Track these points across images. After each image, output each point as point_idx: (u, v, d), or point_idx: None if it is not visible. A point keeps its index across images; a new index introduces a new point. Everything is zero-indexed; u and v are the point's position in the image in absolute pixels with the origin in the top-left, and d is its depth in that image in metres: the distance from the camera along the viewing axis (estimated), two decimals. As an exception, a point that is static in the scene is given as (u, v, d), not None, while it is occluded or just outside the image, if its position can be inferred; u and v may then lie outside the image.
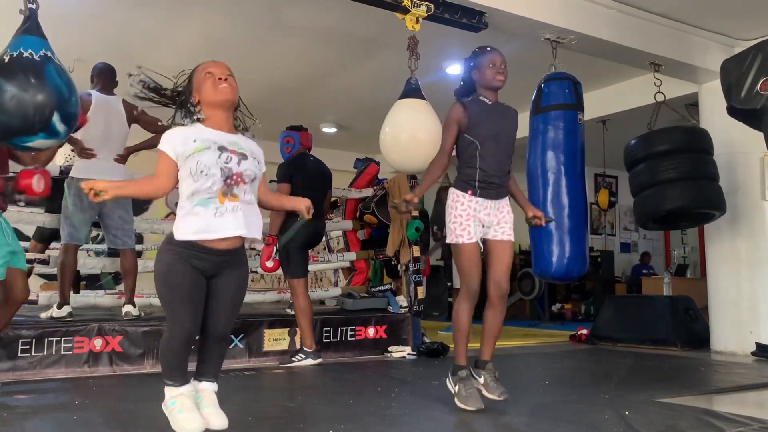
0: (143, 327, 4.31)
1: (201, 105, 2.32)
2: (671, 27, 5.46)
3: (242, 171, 2.25)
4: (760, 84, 4.16)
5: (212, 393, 2.38)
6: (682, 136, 5.39)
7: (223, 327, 2.32)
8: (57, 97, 3.08)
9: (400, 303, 5.57)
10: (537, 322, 9.64)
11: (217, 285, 2.28)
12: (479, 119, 3.09)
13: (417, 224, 5.48)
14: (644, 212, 5.44)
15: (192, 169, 2.18)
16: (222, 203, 2.20)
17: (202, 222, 2.18)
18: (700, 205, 5.29)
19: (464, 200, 3.06)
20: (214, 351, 2.38)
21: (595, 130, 7.70)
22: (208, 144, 2.22)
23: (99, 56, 5.27)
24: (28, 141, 3.10)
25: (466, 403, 3.00)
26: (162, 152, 2.25)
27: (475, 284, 3.02)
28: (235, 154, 2.26)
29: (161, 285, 2.26)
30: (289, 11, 5.31)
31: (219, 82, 2.30)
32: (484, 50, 3.21)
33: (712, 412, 2.99)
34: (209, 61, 2.38)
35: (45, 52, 3.14)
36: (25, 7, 3.24)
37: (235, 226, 2.22)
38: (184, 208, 2.22)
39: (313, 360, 4.61)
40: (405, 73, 4.32)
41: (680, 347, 5.87)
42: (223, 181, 2.20)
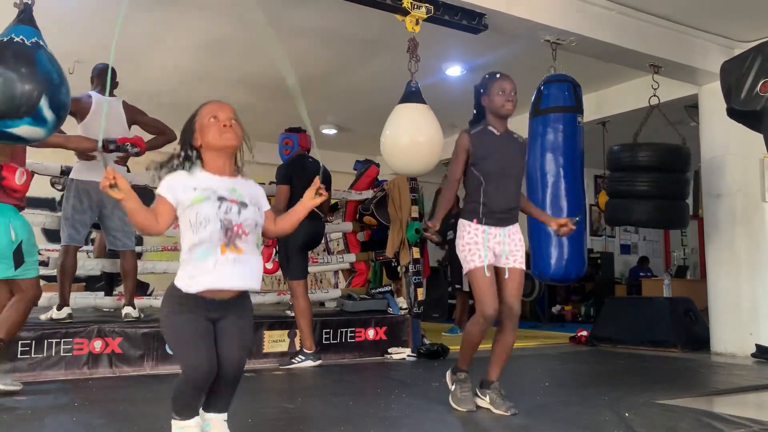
0: (143, 328, 4.31)
1: (202, 148, 2.26)
2: (671, 29, 5.47)
3: (242, 221, 2.19)
4: (759, 85, 4.16)
5: (222, 422, 2.30)
6: (664, 153, 5.70)
7: (233, 368, 2.23)
8: (46, 82, 2.99)
9: (400, 304, 5.57)
10: (537, 323, 9.64)
11: (224, 328, 2.21)
12: (486, 154, 3.06)
13: (417, 226, 5.48)
14: (615, 217, 6.05)
15: (192, 220, 2.14)
16: (223, 254, 2.15)
17: (201, 274, 2.13)
18: (663, 224, 6.30)
19: (470, 229, 3.05)
20: (225, 391, 2.28)
21: (595, 131, 7.70)
22: (207, 194, 2.16)
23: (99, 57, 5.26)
24: (14, 126, 2.97)
25: (458, 405, 3.05)
26: (161, 197, 2.17)
27: (491, 311, 2.97)
28: (235, 203, 2.19)
29: (168, 333, 2.23)
30: (289, 13, 5.31)
31: (224, 129, 2.23)
32: (494, 76, 3.14)
33: (712, 414, 2.99)
34: (214, 103, 2.30)
35: (37, 40, 3.08)
36: (20, 1, 3.23)
37: (232, 278, 2.17)
38: (184, 261, 2.18)
39: (313, 361, 4.61)
40: (405, 75, 4.33)
41: (680, 349, 5.86)
42: (223, 233, 2.15)
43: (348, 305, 5.49)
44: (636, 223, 6.14)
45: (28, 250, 3.30)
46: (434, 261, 9.45)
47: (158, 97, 7.03)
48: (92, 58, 5.02)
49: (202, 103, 2.33)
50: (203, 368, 2.11)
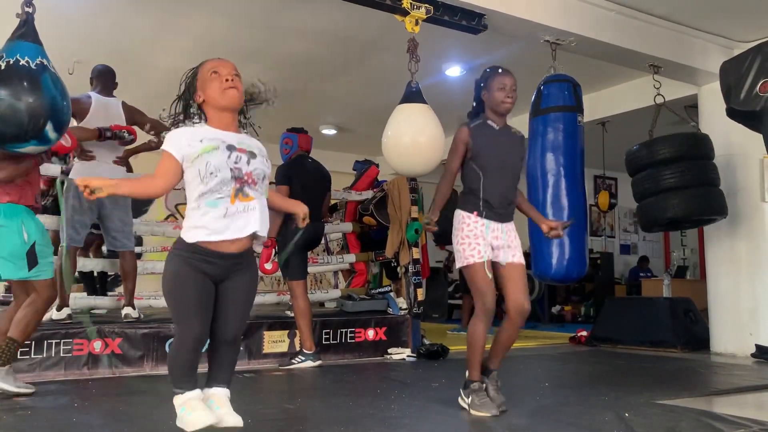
0: (143, 329, 4.31)
1: (205, 105, 2.26)
2: (671, 29, 5.47)
3: (252, 170, 2.20)
4: (759, 86, 4.16)
5: (225, 396, 2.32)
6: (683, 142, 5.41)
7: (233, 331, 2.26)
8: (51, 106, 3.13)
9: (400, 305, 5.57)
10: (537, 323, 9.64)
11: (226, 289, 2.22)
12: (484, 148, 3.07)
13: (416, 226, 5.48)
14: (648, 219, 5.58)
15: (201, 170, 2.12)
16: (233, 203, 2.14)
17: (212, 222, 2.13)
18: (702, 213, 5.40)
19: (470, 221, 3.05)
20: (224, 356, 2.31)
21: (595, 131, 7.70)
22: (216, 143, 2.16)
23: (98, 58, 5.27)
24: (20, 147, 3.17)
25: (481, 410, 2.96)
26: (166, 152, 2.17)
27: (491, 302, 2.98)
28: (244, 153, 2.20)
29: (169, 291, 2.21)
30: (289, 13, 5.31)
31: (226, 84, 2.23)
32: (495, 71, 3.13)
33: (712, 414, 2.99)
34: (215, 59, 2.31)
35: (41, 60, 3.17)
36: (22, 10, 3.24)
37: (245, 226, 2.17)
38: (192, 210, 2.16)
39: (312, 362, 4.61)
40: (405, 75, 4.33)
41: (680, 349, 5.87)
42: (233, 180, 2.15)
43: (348, 306, 5.49)
44: (673, 220, 5.43)
45: (41, 251, 3.35)
46: (434, 261, 9.45)
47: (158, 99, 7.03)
48: (92, 59, 5.03)
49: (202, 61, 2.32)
50: (196, 332, 2.13)
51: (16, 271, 3.28)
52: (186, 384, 2.22)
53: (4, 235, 3.27)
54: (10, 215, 3.31)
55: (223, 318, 2.22)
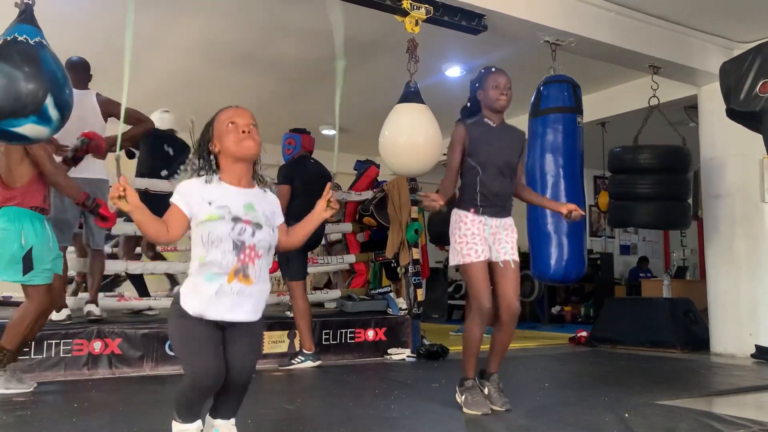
0: (143, 329, 4.32)
1: (220, 155, 2.19)
2: (670, 29, 5.47)
3: (255, 243, 2.13)
4: (759, 86, 4.16)
5: (231, 426, 2.25)
6: (662, 155, 5.76)
7: (243, 376, 2.17)
8: (51, 81, 3.00)
9: (400, 305, 5.57)
10: (536, 324, 9.64)
11: (232, 334, 2.15)
12: (481, 144, 3.09)
13: (417, 226, 5.48)
14: (617, 220, 6.20)
15: (203, 237, 2.08)
16: (229, 282, 2.08)
17: (203, 300, 2.07)
18: (665, 225, 6.48)
19: (467, 220, 3.06)
20: (233, 396, 2.23)
21: (595, 132, 7.71)
22: (222, 213, 2.10)
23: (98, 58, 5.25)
24: (19, 125, 2.97)
25: (472, 409, 3.01)
26: (175, 205, 2.11)
27: (487, 305, 2.99)
28: (249, 224, 2.13)
29: (176, 341, 2.17)
30: (288, 14, 5.31)
31: (243, 136, 2.16)
32: (489, 71, 3.19)
33: (712, 415, 2.99)
34: (232, 109, 2.24)
35: (40, 40, 3.09)
36: (21, 1, 3.23)
37: (236, 312, 2.10)
38: (192, 274, 2.13)
39: (312, 362, 4.61)
40: (404, 76, 4.32)
41: (680, 349, 5.87)
42: (236, 255, 2.09)
43: (348, 306, 5.49)
44: (638, 224, 6.24)
45: (38, 257, 3.35)
46: (434, 262, 9.45)
47: (158, 99, 7.03)
48: (91, 59, 5.01)
49: (219, 109, 2.26)
50: (210, 375, 2.05)
51: (12, 275, 3.33)
52: (188, 417, 2.16)
53: (4, 238, 3.31)
54: (12, 219, 3.34)
55: (231, 362, 2.13)
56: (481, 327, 3.05)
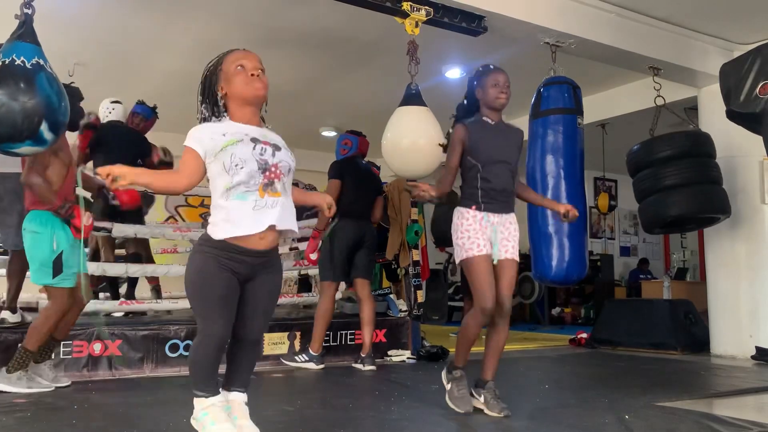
0: (143, 331, 4.31)
1: (227, 98, 2.20)
2: (670, 31, 5.47)
3: (278, 162, 2.15)
4: (759, 87, 4.16)
5: (243, 404, 2.28)
6: (684, 141, 5.36)
7: (255, 332, 2.22)
8: (46, 106, 3.11)
9: (400, 307, 5.56)
10: (537, 325, 9.64)
11: (251, 289, 2.18)
12: (481, 142, 3.10)
13: (417, 228, 5.48)
14: (649, 219, 5.45)
15: (226, 163, 2.06)
16: (262, 197, 2.09)
17: (239, 216, 2.07)
18: (704, 211, 5.29)
19: (469, 216, 3.06)
20: (245, 357, 2.27)
21: (595, 134, 7.71)
22: (240, 136, 2.11)
23: (98, 59, 5.29)
24: (15, 147, 3.16)
25: (456, 404, 3.05)
26: (188, 148, 2.10)
27: (490, 304, 2.97)
28: (268, 145, 2.15)
29: (193, 289, 2.15)
30: (289, 15, 5.31)
31: (252, 78, 2.18)
32: (487, 69, 3.19)
33: (712, 416, 2.98)
34: (239, 51, 2.24)
35: (37, 60, 3.16)
36: (20, 12, 3.24)
37: (274, 219, 2.11)
38: (219, 205, 2.11)
39: (315, 364, 4.63)
40: (405, 77, 4.33)
41: (680, 351, 5.86)
42: (261, 173, 2.10)
43: (348, 307, 5.49)
44: (674, 217, 5.26)
45: (67, 261, 3.47)
46: (434, 263, 9.45)
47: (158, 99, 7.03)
48: (92, 61, 5.04)
49: (224, 51, 2.26)
50: (220, 332, 2.09)
51: (42, 278, 3.46)
52: (208, 387, 2.17)
53: (38, 242, 3.43)
54: (44, 223, 3.45)
55: (247, 317, 2.17)
56: (480, 324, 3.04)
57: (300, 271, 6.60)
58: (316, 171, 8.93)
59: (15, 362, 3.46)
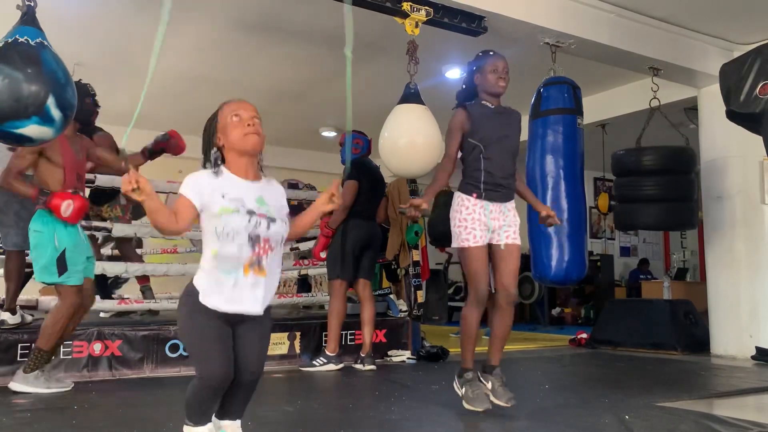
0: (143, 331, 4.31)
1: (225, 149, 2.20)
2: (670, 31, 5.47)
3: (270, 236, 2.14)
4: (759, 88, 4.16)
5: (237, 428, 2.26)
6: (668, 155, 5.73)
7: (249, 373, 2.18)
8: (52, 81, 2.99)
9: (400, 307, 5.56)
10: (537, 325, 9.64)
11: (242, 333, 2.16)
12: (482, 123, 3.09)
13: (417, 228, 5.47)
14: (623, 221, 6.15)
15: (218, 230, 2.07)
16: (246, 275, 2.09)
17: (221, 294, 2.08)
18: (671, 226, 6.31)
19: (469, 204, 3.05)
20: (242, 395, 2.24)
21: (595, 134, 7.71)
22: (236, 206, 2.10)
23: (99, 60, 5.29)
24: (22, 126, 2.95)
25: (473, 405, 3.02)
26: (183, 197, 2.09)
27: (484, 289, 2.99)
28: (264, 218, 2.13)
29: (186, 335, 2.17)
30: (289, 16, 5.31)
31: (248, 129, 2.17)
32: (487, 54, 3.19)
33: (713, 416, 2.98)
34: (235, 102, 2.25)
35: (41, 40, 3.08)
36: (22, 3, 3.24)
37: (251, 303, 2.12)
38: (205, 267, 2.12)
39: (335, 365, 4.64)
40: (404, 77, 4.33)
41: (680, 351, 5.86)
42: (251, 248, 2.10)
43: (348, 308, 5.48)
44: (644, 226, 6.24)
45: (71, 258, 3.49)
46: (434, 263, 9.45)
47: (158, 100, 7.04)
48: (93, 62, 5.04)
49: (223, 102, 2.28)
50: (219, 375, 2.06)
51: (48, 276, 3.47)
52: (200, 419, 2.15)
53: (40, 241, 3.45)
54: (46, 222, 3.46)
55: (241, 359, 2.14)
56: (477, 311, 3.04)
57: (300, 271, 6.59)
58: (315, 171, 8.96)
59: (31, 362, 3.50)
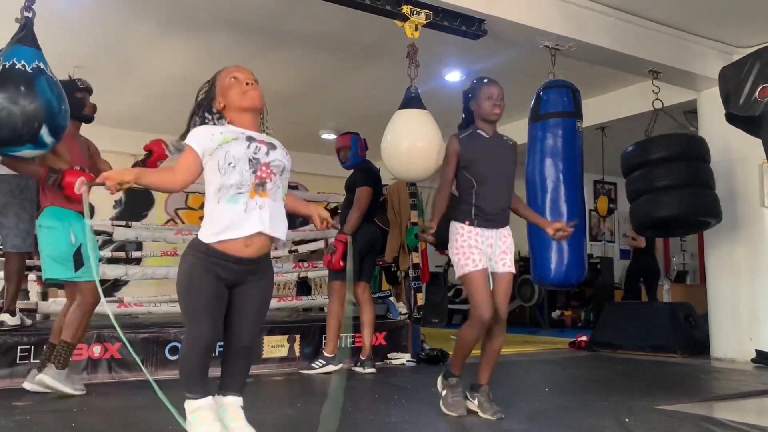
0: (142, 334, 4.31)
1: (226, 110, 2.27)
2: (670, 34, 5.48)
3: (270, 161, 2.18)
4: (758, 91, 4.16)
5: (238, 407, 2.28)
6: (678, 143, 5.35)
7: (246, 339, 2.22)
8: (47, 110, 3.13)
9: (400, 309, 5.56)
10: (536, 328, 9.63)
11: (241, 295, 2.19)
12: (476, 156, 3.10)
13: (416, 231, 5.48)
14: (640, 219, 5.42)
15: (220, 161, 2.10)
16: (252, 198, 2.11)
17: (228, 219, 2.09)
18: (695, 213, 5.27)
19: (463, 231, 3.07)
20: (237, 364, 2.27)
21: (594, 137, 7.71)
22: (236, 135, 2.16)
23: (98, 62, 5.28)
24: (16, 151, 3.19)
25: (449, 409, 3.07)
26: (188, 146, 2.16)
27: (488, 315, 2.98)
28: (263, 144, 2.19)
29: (181, 291, 2.19)
30: (289, 19, 5.32)
31: (246, 87, 2.24)
32: (481, 82, 3.21)
33: (713, 419, 2.98)
34: (232, 66, 2.32)
35: (38, 64, 3.18)
36: (21, 15, 3.26)
37: (260, 223, 2.12)
38: (211, 207, 2.14)
39: (334, 366, 4.63)
40: (404, 80, 4.33)
41: (680, 354, 5.86)
42: (252, 173, 2.12)
43: (347, 310, 5.48)
44: (665, 217, 5.21)
45: (86, 254, 3.49)
46: (434, 266, 9.45)
47: (158, 101, 7.04)
48: (92, 64, 5.03)
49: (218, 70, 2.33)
50: (206, 335, 2.10)
51: (64, 272, 3.48)
52: (197, 389, 2.18)
53: (55, 236, 3.45)
54: (60, 217, 3.48)
55: (236, 324, 2.18)
56: (478, 333, 3.06)
57: (300, 273, 6.58)
58: (315, 174, 8.95)
59: (61, 357, 3.48)
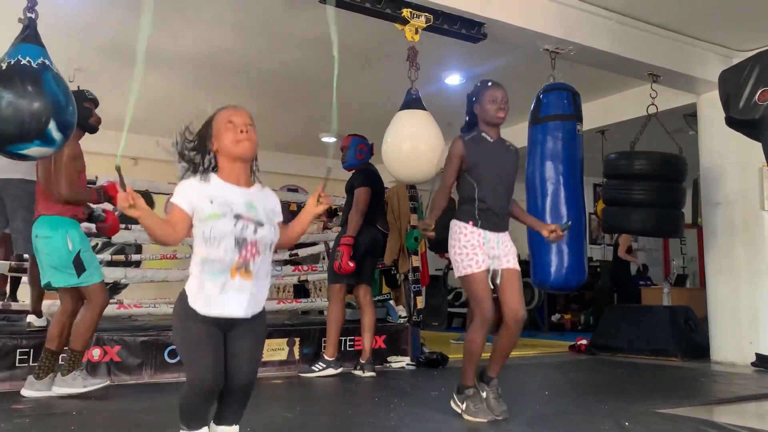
0: (142, 337, 4.30)
1: (219, 154, 2.22)
2: (669, 38, 5.49)
3: (258, 239, 2.14)
4: (758, 94, 4.17)
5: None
6: (659, 162, 5.69)
7: (242, 379, 2.18)
8: (53, 104, 3.08)
9: (399, 313, 5.56)
10: (536, 332, 9.63)
11: (234, 338, 2.16)
12: (479, 160, 3.10)
13: (416, 234, 5.47)
14: (609, 224, 6.18)
15: (205, 234, 2.09)
16: (233, 278, 2.10)
17: (207, 297, 2.09)
18: (658, 232, 6.30)
19: (466, 231, 3.07)
20: (236, 401, 2.23)
21: (594, 140, 7.72)
22: (224, 211, 2.12)
23: (99, 65, 5.28)
24: (24, 148, 3.10)
25: (476, 416, 3.01)
26: (176, 205, 2.12)
27: (490, 313, 2.99)
28: (251, 222, 2.15)
29: (177, 339, 2.20)
30: (289, 22, 5.32)
31: (240, 136, 2.19)
32: (485, 85, 3.20)
33: (713, 423, 2.98)
34: (230, 108, 2.27)
35: (43, 60, 3.15)
36: (24, 16, 3.26)
37: (237, 306, 2.12)
38: (194, 273, 2.14)
39: (334, 369, 4.62)
40: (405, 84, 4.34)
41: (680, 357, 5.86)
42: (237, 251, 2.10)
43: (347, 313, 5.48)
44: (631, 231, 6.32)
45: (87, 258, 3.53)
46: (433, 269, 9.45)
47: (158, 103, 7.04)
48: (92, 67, 5.04)
49: (217, 108, 2.29)
50: (208, 380, 2.07)
51: (67, 279, 3.49)
52: (195, 424, 2.15)
53: (52, 245, 3.46)
54: (55, 226, 3.49)
55: (233, 366, 2.14)
56: (483, 336, 3.06)
57: (299, 276, 6.59)
58: (315, 176, 8.95)
59: (66, 365, 3.54)
